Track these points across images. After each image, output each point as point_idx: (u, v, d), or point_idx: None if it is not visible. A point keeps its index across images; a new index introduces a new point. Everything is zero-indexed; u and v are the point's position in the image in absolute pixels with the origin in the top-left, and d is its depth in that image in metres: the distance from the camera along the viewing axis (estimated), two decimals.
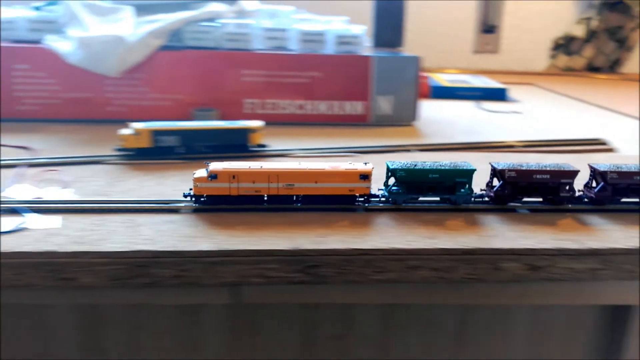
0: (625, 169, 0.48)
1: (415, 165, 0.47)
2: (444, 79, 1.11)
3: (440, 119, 0.86)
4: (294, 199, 0.46)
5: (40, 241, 0.39)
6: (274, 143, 0.63)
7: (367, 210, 0.47)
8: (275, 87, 0.77)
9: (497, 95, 1.04)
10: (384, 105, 0.79)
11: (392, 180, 0.47)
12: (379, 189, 0.49)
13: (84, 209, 0.45)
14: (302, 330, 0.50)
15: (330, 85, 0.78)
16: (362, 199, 0.47)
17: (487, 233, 0.44)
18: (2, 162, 0.55)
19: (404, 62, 0.79)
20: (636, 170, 0.48)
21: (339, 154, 0.63)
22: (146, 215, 0.44)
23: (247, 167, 0.46)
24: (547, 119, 0.90)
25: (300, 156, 0.62)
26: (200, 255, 0.39)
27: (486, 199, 0.49)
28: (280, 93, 0.77)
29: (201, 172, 0.46)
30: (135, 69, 0.73)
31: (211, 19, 0.77)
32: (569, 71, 1.50)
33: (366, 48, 0.81)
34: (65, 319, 0.48)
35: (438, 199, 0.48)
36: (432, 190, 0.47)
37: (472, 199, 0.48)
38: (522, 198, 0.49)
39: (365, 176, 0.46)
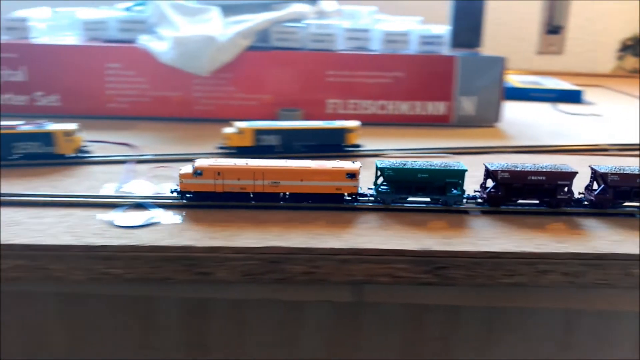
0: (628, 171, 0.46)
1: (404, 165, 0.46)
2: (514, 80, 1.10)
3: (520, 120, 0.85)
4: (281, 196, 0.46)
5: (175, 236, 0.40)
6: (363, 143, 0.63)
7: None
8: (358, 87, 0.77)
9: (572, 97, 1.02)
10: (467, 105, 0.79)
11: (380, 180, 0.47)
12: (368, 188, 0.48)
13: (206, 205, 0.46)
14: (407, 331, 0.50)
15: (413, 86, 0.77)
16: (349, 198, 0.47)
17: (612, 238, 0.42)
18: (108, 158, 0.57)
19: (489, 63, 0.78)
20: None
21: (434, 155, 0.63)
22: (269, 212, 0.45)
23: (233, 163, 0.46)
24: (627, 122, 0.88)
25: (395, 156, 0.62)
26: (331, 253, 0.39)
27: (479, 200, 0.47)
28: (362, 93, 0.77)
29: (187, 169, 0.46)
30: (222, 69, 0.74)
31: (296, 20, 0.78)
32: (637, 73, 1.46)
33: (448, 48, 0.80)
34: (172, 312, 0.48)
35: (428, 199, 0.47)
36: (421, 191, 0.46)
37: (465, 200, 0.47)
38: (517, 200, 0.47)
39: (352, 175, 0.46)
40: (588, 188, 0.48)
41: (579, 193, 0.48)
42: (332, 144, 0.60)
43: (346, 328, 0.47)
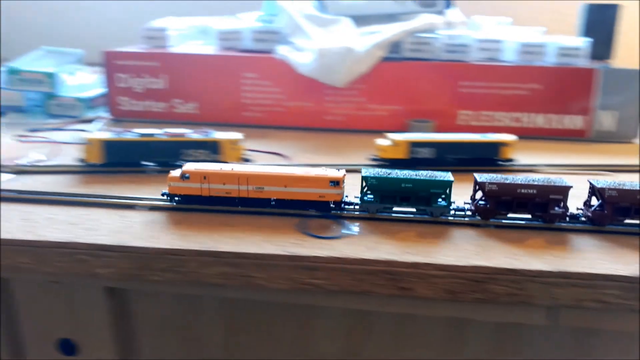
0: (627, 187, 0.43)
1: (388, 174, 0.45)
2: None
3: None
4: (270, 202, 0.46)
5: (372, 249, 0.40)
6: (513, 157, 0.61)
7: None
8: (491, 98, 0.75)
9: None
10: (606, 120, 0.75)
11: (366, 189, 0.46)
12: (355, 197, 0.47)
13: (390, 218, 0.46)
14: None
15: (550, 98, 0.75)
16: (334, 206, 0.46)
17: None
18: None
19: (629, 76, 0.74)
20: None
21: (596, 172, 0.60)
22: (457, 229, 0.44)
23: (219, 168, 0.46)
24: None
25: (549, 172, 0.60)
26: (538, 275, 0.38)
27: (468, 212, 0.46)
28: (496, 105, 0.76)
29: (176, 172, 0.46)
30: (354, 80, 0.74)
31: (428, 31, 0.77)
32: None
33: (587, 60, 0.77)
34: (333, 322, 0.49)
35: (414, 209, 0.46)
36: (406, 200, 0.45)
37: (453, 211, 0.45)
38: (507, 213, 0.45)
39: (336, 182, 0.45)
40: (586, 204, 0.46)
41: (577, 209, 0.46)
42: (486, 158, 0.59)
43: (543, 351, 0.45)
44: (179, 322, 0.51)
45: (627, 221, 0.44)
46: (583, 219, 0.45)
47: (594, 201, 0.45)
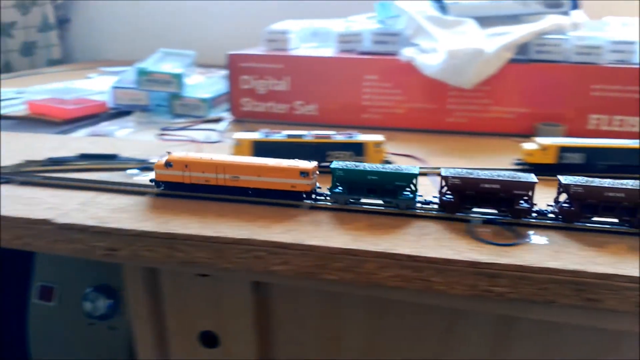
0: (595, 184, 0.43)
1: (356, 166, 0.46)
2: None
3: None
4: (248, 191, 0.48)
5: (555, 258, 0.39)
6: None
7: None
8: (626, 102, 0.72)
9: None
10: None
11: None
12: (327, 188, 0.48)
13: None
14: None
15: None
16: (305, 196, 0.48)
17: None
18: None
19: None
20: (608, 186, 0.42)
21: None
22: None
23: (199, 157, 0.48)
24: None
25: None
26: None
27: (434, 205, 0.46)
28: (631, 109, 0.72)
29: (161, 161, 0.49)
30: (480, 82, 0.73)
31: (556, 32, 0.75)
32: None
33: None
34: (479, 327, 0.48)
35: (381, 201, 0.47)
36: (373, 192, 0.46)
37: (419, 204, 0.46)
38: (472, 208, 0.45)
39: (306, 173, 0.47)
40: (556, 200, 0.45)
41: (548, 205, 0.45)
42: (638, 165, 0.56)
43: None
44: (319, 319, 0.51)
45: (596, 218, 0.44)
46: (551, 215, 0.45)
47: (562, 197, 0.45)
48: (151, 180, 0.51)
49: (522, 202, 0.44)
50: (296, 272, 0.41)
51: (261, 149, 0.55)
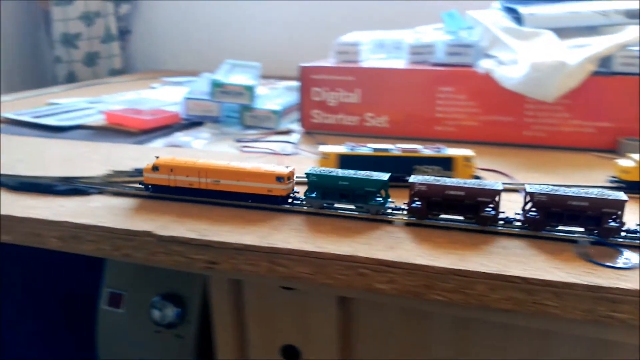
0: (560, 193, 0.43)
1: (329, 172, 0.48)
2: None
3: None
4: (229, 194, 0.50)
5: None
6: None
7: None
8: None
9: None
10: None
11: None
12: (304, 193, 0.49)
13: None
14: None
15: None
16: (283, 200, 0.49)
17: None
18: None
19: None
20: (573, 195, 0.42)
21: None
22: None
23: (184, 161, 0.51)
24: None
25: None
26: None
27: (404, 212, 0.47)
28: None
29: (149, 165, 0.51)
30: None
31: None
32: None
33: None
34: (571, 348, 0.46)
35: (353, 206, 0.48)
36: (345, 197, 0.48)
37: (389, 210, 0.48)
38: (439, 214, 0.46)
39: (282, 178, 0.48)
40: (523, 209, 0.45)
41: (516, 213, 0.46)
42: None
43: None
44: (404, 335, 0.50)
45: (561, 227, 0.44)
46: (518, 223, 0.45)
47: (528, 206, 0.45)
48: (140, 183, 0.53)
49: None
50: (401, 291, 0.40)
51: (347, 162, 0.55)
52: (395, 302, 0.48)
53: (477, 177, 0.56)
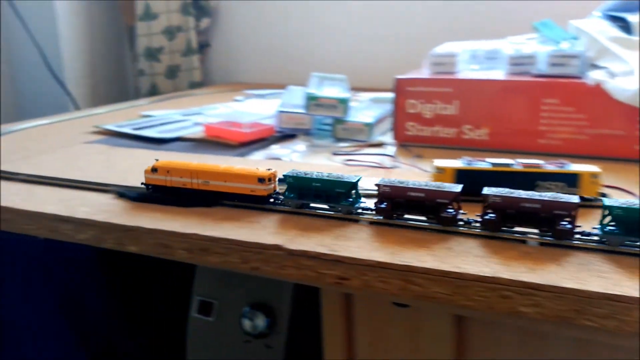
0: (513, 195, 0.44)
1: (305, 174, 0.51)
2: None
3: None
4: (219, 195, 0.54)
5: None
6: None
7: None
8: None
9: None
10: None
11: None
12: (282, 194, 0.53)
13: None
14: None
15: None
16: (265, 200, 0.53)
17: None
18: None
19: None
20: (525, 197, 0.44)
21: None
22: None
23: (178, 164, 0.55)
24: None
25: None
26: None
27: (372, 211, 0.50)
28: None
29: (150, 166, 0.56)
30: None
31: None
32: None
33: None
34: None
35: (327, 207, 0.51)
36: (319, 198, 0.51)
37: (360, 209, 0.50)
38: (403, 214, 0.49)
39: (263, 179, 0.52)
40: (482, 211, 0.46)
41: (476, 215, 0.47)
42: None
43: None
44: (519, 356, 0.48)
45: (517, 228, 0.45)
46: (477, 224, 0.47)
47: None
48: (142, 184, 0.57)
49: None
50: (547, 315, 0.38)
51: (465, 177, 0.54)
52: (510, 321, 0.46)
53: (603, 195, 0.53)
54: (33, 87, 1.47)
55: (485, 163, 0.54)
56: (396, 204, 0.48)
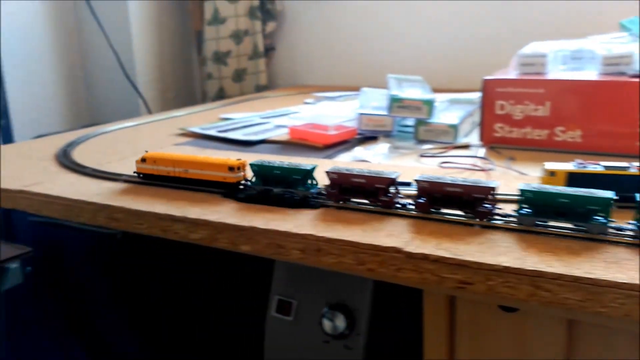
0: (437, 180, 0.49)
1: (269, 163, 0.56)
2: None
3: None
4: (198, 182, 0.60)
5: None
6: None
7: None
8: None
9: None
10: None
11: None
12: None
13: None
14: None
15: None
16: (234, 186, 0.58)
17: None
18: None
19: None
20: (449, 182, 0.48)
21: None
22: None
23: (163, 154, 0.61)
24: None
25: None
26: None
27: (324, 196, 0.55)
28: None
29: (140, 157, 0.63)
30: None
31: None
32: None
33: None
34: None
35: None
36: (279, 184, 0.55)
37: (313, 195, 0.55)
38: (350, 199, 0.53)
39: (232, 168, 0.57)
40: (416, 195, 0.51)
41: (409, 197, 0.52)
42: None
43: None
44: None
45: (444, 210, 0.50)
46: (411, 207, 0.51)
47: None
48: (134, 172, 0.63)
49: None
50: None
51: (577, 180, 0.52)
52: (622, 326, 0.44)
53: None
54: (107, 90, 1.53)
55: (598, 166, 0.53)
56: (343, 190, 0.53)
